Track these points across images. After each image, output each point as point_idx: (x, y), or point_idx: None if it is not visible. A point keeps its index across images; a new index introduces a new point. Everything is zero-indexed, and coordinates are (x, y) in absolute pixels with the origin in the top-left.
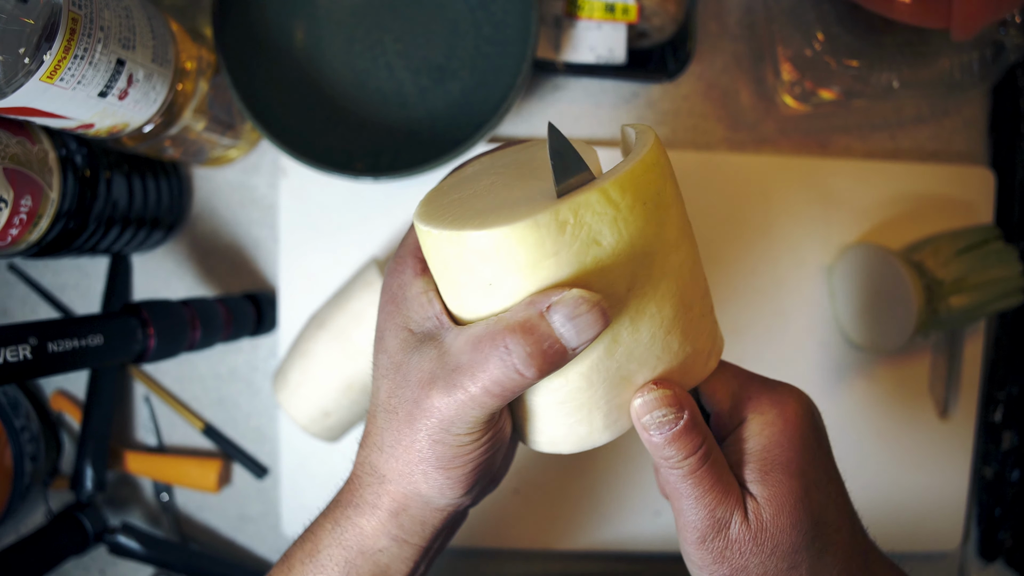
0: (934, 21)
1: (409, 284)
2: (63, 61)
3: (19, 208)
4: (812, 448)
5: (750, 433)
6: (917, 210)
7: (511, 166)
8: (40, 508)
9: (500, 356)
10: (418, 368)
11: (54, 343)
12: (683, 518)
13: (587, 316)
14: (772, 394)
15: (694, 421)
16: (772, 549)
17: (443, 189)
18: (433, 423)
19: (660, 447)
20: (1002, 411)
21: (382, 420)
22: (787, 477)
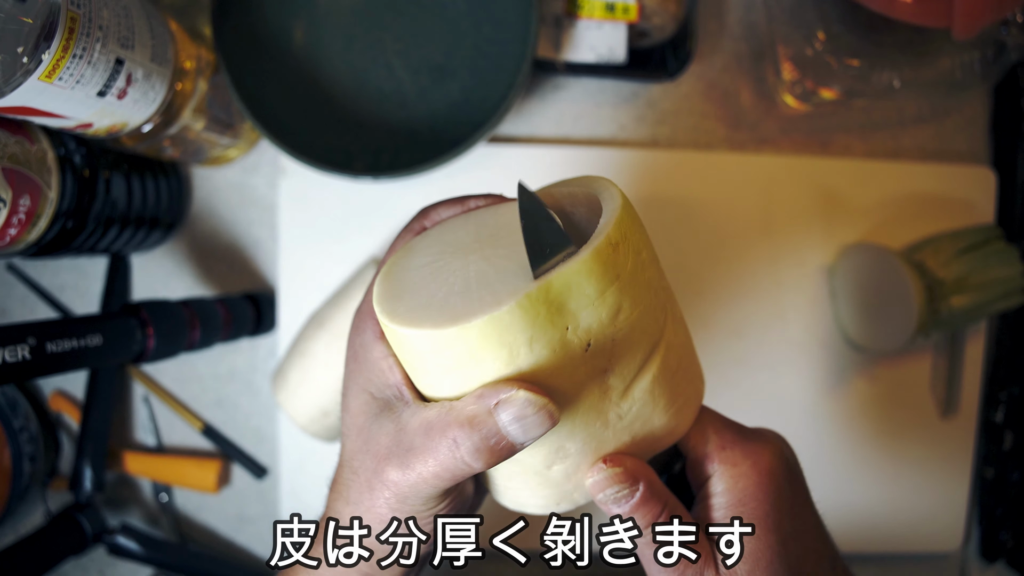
0: (935, 20)
1: (370, 346)
2: (62, 60)
3: (18, 208)
4: (787, 499)
5: (722, 487)
6: (918, 210)
7: (480, 231)
8: (39, 509)
9: (448, 446)
10: (376, 440)
11: (53, 343)
12: None
13: (534, 418)
14: (745, 445)
15: (651, 491)
16: None
17: (404, 261)
18: (389, 494)
19: (624, 519)
20: (1003, 411)
21: (347, 475)
22: (763, 532)
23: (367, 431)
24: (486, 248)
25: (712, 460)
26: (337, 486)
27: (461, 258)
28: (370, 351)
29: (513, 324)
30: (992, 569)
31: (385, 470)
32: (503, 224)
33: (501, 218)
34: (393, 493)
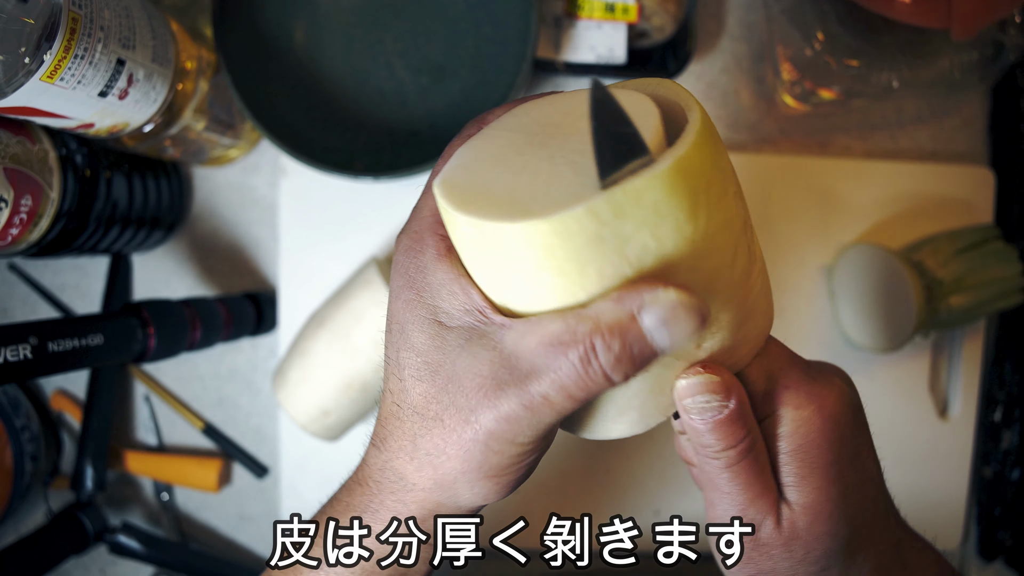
0: (934, 21)
1: (432, 268)
2: (63, 61)
3: (19, 208)
4: (850, 447)
5: (786, 430)
6: (917, 210)
7: (544, 131)
8: (40, 508)
9: (581, 359)
10: (471, 372)
11: (54, 343)
12: (713, 511)
13: (685, 320)
14: (811, 386)
15: (741, 411)
16: (803, 556)
17: (466, 160)
18: (495, 433)
19: (700, 433)
20: (1002, 410)
21: (415, 426)
22: (826, 483)
23: (450, 366)
24: (561, 137)
25: (776, 399)
26: (392, 441)
27: (537, 148)
28: (434, 272)
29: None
30: (990, 568)
31: (494, 404)
32: (580, 123)
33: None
34: (502, 431)
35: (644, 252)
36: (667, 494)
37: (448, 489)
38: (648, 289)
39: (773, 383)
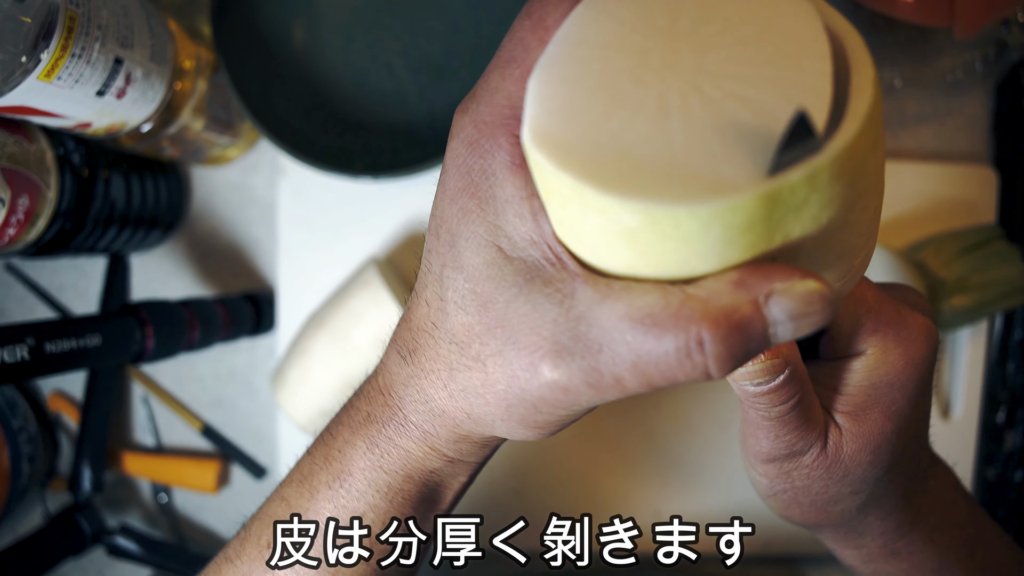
0: (936, 20)
1: (502, 177)
2: (60, 60)
3: (16, 207)
4: (920, 390)
5: (866, 366)
6: (919, 210)
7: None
8: (37, 509)
9: (688, 351)
10: (527, 324)
11: (52, 343)
12: (755, 443)
13: (818, 317)
14: (900, 330)
15: (792, 375)
16: (841, 477)
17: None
18: (546, 399)
19: (749, 394)
20: (1005, 412)
21: (452, 356)
22: (884, 418)
23: (503, 307)
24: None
25: (863, 340)
26: (423, 362)
27: (653, 75)
28: (502, 184)
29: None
30: None
31: (550, 368)
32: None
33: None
34: (555, 396)
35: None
36: (667, 494)
37: (483, 426)
38: (781, 275)
39: (860, 324)
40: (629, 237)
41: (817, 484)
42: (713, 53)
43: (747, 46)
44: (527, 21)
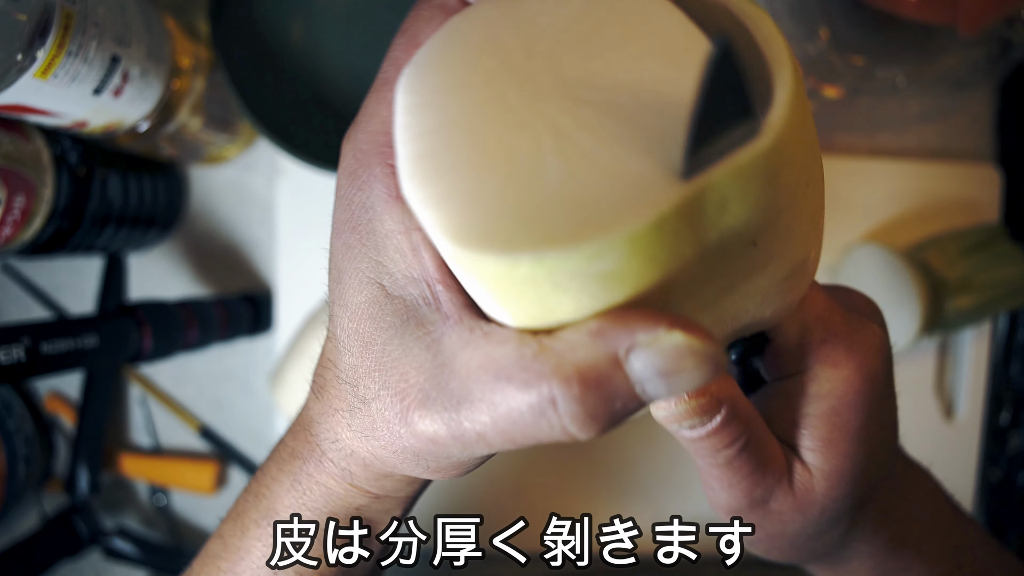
0: (940, 17)
1: (381, 209)
2: (56, 58)
3: (12, 207)
4: (878, 406)
5: (819, 391)
6: (922, 209)
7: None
8: (34, 511)
9: (535, 407)
10: (397, 369)
11: (48, 344)
12: (714, 495)
13: (692, 375)
14: (851, 339)
15: (732, 415)
16: (818, 516)
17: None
18: (421, 447)
19: (689, 442)
20: (1009, 412)
21: (348, 395)
22: (854, 447)
23: (379, 350)
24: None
25: (811, 354)
26: (329, 401)
27: (533, 92)
28: (380, 217)
29: (655, 239)
30: None
31: (416, 419)
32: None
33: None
34: (425, 447)
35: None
36: (667, 494)
37: (389, 466)
38: (644, 324)
39: (808, 335)
40: (488, 283)
41: (792, 527)
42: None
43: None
44: (401, 39)
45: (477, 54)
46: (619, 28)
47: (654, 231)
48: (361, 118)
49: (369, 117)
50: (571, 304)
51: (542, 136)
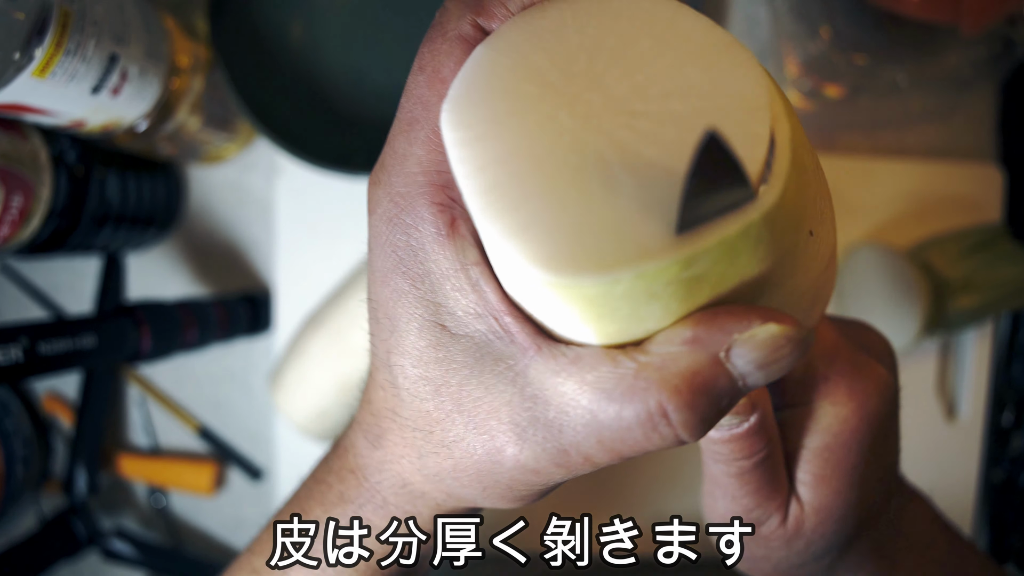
0: (942, 16)
1: (432, 251)
2: (54, 56)
3: (10, 206)
4: (881, 442)
5: (817, 426)
6: (924, 209)
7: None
8: (32, 512)
9: (653, 424)
10: (482, 408)
11: (46, 344)
12: (712, 501)
13: (787, 360)
14: (854, 380)
15: (762, 425)
16: (804, 548)
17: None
18: (522, 478)
19: (713, 441)
20: (1012, 413)
21: (419, 442)
22: (845, 487)
23: (456, 390)
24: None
25: (813, 390)
26: (395, 449)
27: (584, 111)
28: (434, 258)
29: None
30: None
31: (515, 454)
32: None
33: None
34: (527, 477)
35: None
36: (667, 494)
37: (465, 502)
38: (738, 323)
39: (812, 371)
40: (581, 306)
41: (777, 555)
42: (639, 102)
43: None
44: (421, 76)
45: (516, 81)
46: (651, 40)
47: (743, 234)
48: (389, 160)
49: (402, 159)
50: (661, 312)
51: (606, 153)
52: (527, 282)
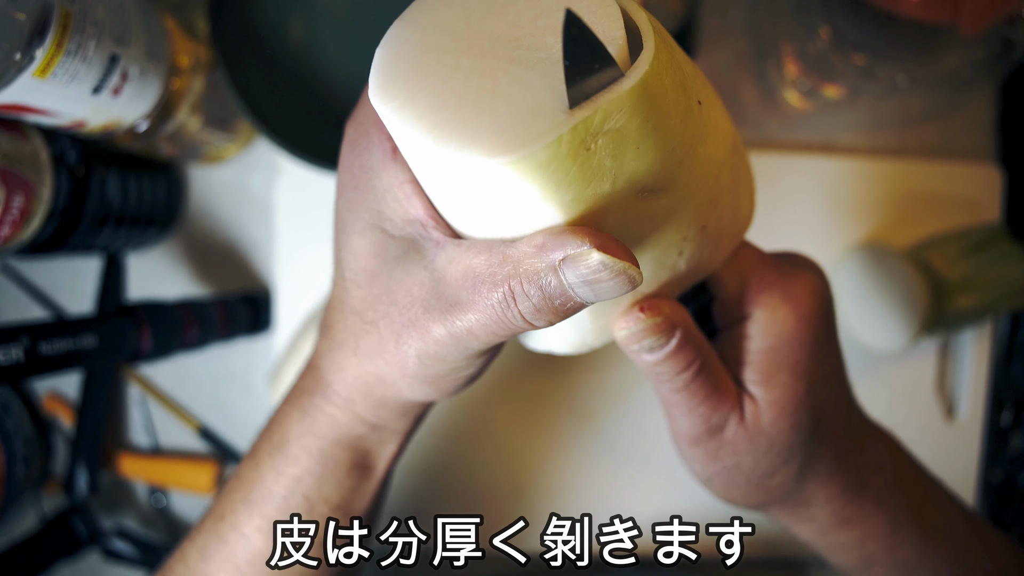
0: (941, 17)
1: (378, 169)
2: (55, 57)
3: (11, 206)
4: (821, 343)
5: (757, 330)
6: (923, 208)
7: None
8: (32, 512)
9: (501, 302)
10: (403, 288)
11: (47, 344)
12: (676, 424)
13: (610, 283)
14: (785, 286)
15: (686, 338)
16: (768, 448)
17: (404, 52)
18: (426, 348)
19: (650, 365)
20: (1010, 413)
21: (355, 325)
22: (793, 380)
23: (386, 278)
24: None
25: (749, 302)
26: (335, 335)
27: (484, 49)
28: (379, 175)
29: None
30: None
31: (422, 323)
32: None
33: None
34: (432, 347)
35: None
36: (667, 494)
37: (390, 386)
38: (573, 242)
39: (745, 285)
40: (528, 183)
41: (746, 459)
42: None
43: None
44: None
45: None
46: None
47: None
48: (359, 103)
49: (360, 109)
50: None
51: (508, 68)
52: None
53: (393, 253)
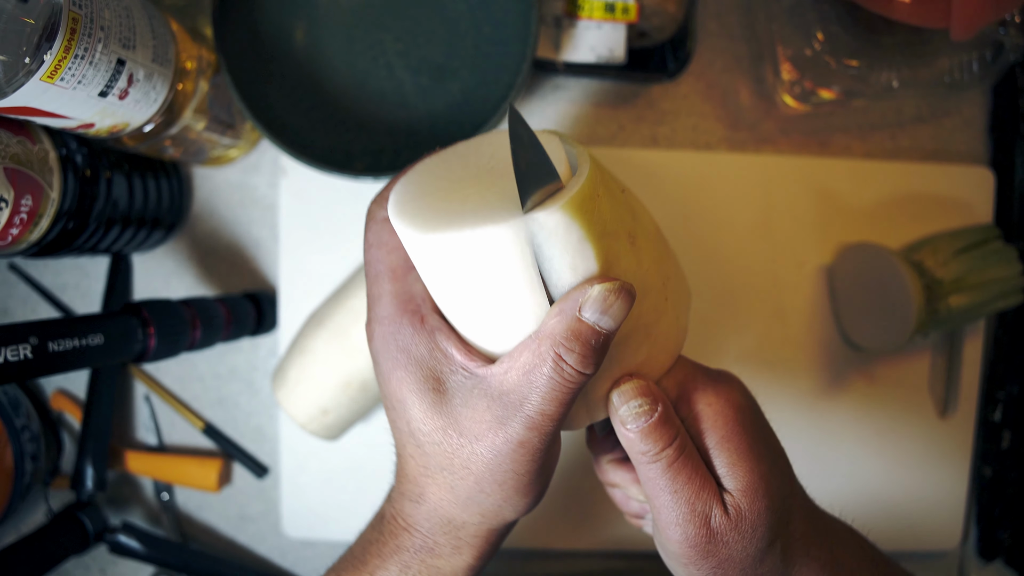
0: (934, 21)
1: (414, 343)
2: (63, 61)
3: (19, 208)
4: (760, 431)
5: (707, 425)
6: (916, 210)
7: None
8: (40, 507)
9: (553, 368)
10: (477, 420)
11: (55, 343)
12: (663, 516)
13: (618, 302)
14: (716, 386)
15: (667, 414)
16: (751, 533)
17: (414, 198)
18: (515, 458)
19: (636, 442)
20: (1002, 410)
21: (449, 479)
22: (753, 464)
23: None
24: (491, 176)
25: (690, 401)
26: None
27: (472, 182)
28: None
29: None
30: (990, 567)
31: (510, 437)
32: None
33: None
34: (522, 453)
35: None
36: None
37: (496, 517)
38: (579, 292)
39: (683, 389)
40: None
41: (736, 548)
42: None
43: None
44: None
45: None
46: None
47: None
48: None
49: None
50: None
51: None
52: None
53: (452, 402)
